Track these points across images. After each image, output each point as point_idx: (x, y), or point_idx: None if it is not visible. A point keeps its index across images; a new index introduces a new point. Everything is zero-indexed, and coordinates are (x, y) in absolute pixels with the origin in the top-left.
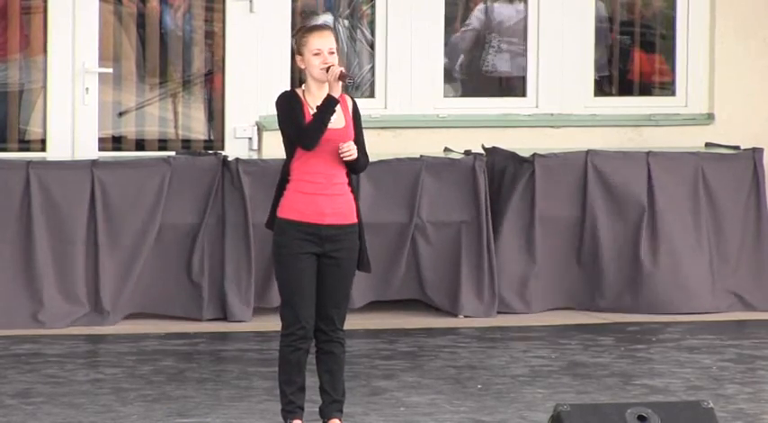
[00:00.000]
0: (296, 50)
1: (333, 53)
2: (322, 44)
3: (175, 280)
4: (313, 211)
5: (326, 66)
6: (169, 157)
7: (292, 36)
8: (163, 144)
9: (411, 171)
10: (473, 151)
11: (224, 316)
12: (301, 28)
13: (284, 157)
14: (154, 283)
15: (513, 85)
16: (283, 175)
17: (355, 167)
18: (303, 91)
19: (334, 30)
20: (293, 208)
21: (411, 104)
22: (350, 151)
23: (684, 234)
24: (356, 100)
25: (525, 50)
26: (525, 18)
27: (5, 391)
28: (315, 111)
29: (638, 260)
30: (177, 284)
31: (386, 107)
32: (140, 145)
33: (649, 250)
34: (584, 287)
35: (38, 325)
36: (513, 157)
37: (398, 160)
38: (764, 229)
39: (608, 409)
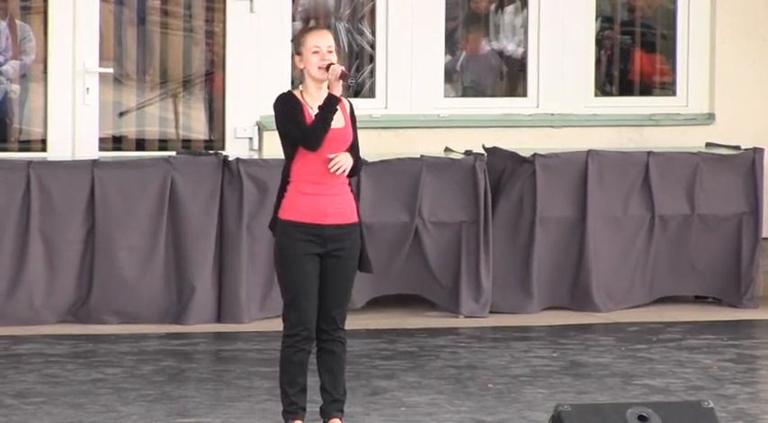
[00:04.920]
0: (294, 51)
1: (331, 52)
2: (320, 42)
3: (176, 280)
4: (315, 211)
5: (325, 63)
6: (170, 156)
7: (292, 41)
8: (163, 144)
9: (412, 171)
10: (474, 151)
11: (224, 316)
12: (299, 30)
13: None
14: (154, 283)
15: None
16: (284, 177)
17: (352, 171)
18: (301, 92)
19: (335, 30)
20: (295, 209)
21: (411, 104)
22: (338, 163)
23: (684, 233)
24: (357, 100)
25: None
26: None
27: (6, 390)
28: (315, 111)
29: (638, 260)
30: (177, 284)
31: (386, 107)
32: (141, 145)
33: (650, 249)
34: (585, 287)
35: (37, 323)
36: (513, 157)
37: (399, 160)
38: (760, 228)
39: (608, 409)
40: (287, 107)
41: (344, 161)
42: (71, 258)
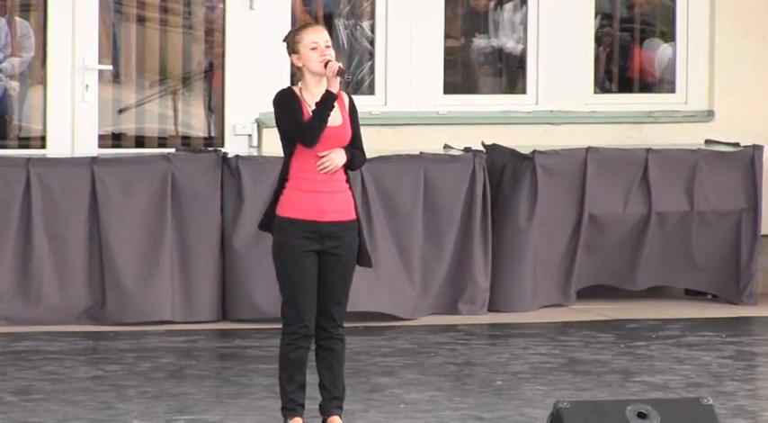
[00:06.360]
0: (291, 50)
1: (329, 46)
2: (317, 38)
3: (175, 277)
4: (313, 208)
5: (325, 59)
6: (169, 154)
7: (284, 40)
8: (162, 141)
9: (411, 168)
10: (473, 148)
11: (228, 313)
12: (292, 30)
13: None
14: (154, 280)
15: None
16: (282, 174)
17: (351, 165)
18: (300, 89)
19: (333, 27)
20: (293, 206)
21: (411, 101)
22: (325, 163)
23: (684, 230)
24: (356, 97)
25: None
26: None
27: (5, 388)
28: (314, 108)
29: (639, 256)
30: (177, 282)
31: (386, 104)
32: (140, 142)
33: (650, 247)
34: (585, 284)
35: (38, 322)
36: (512, 154)
37: (398, 157)
38: (759, 225)
39: (608, 406)
40: (285, 104)
41: (334, 159)
42: (79, 257)
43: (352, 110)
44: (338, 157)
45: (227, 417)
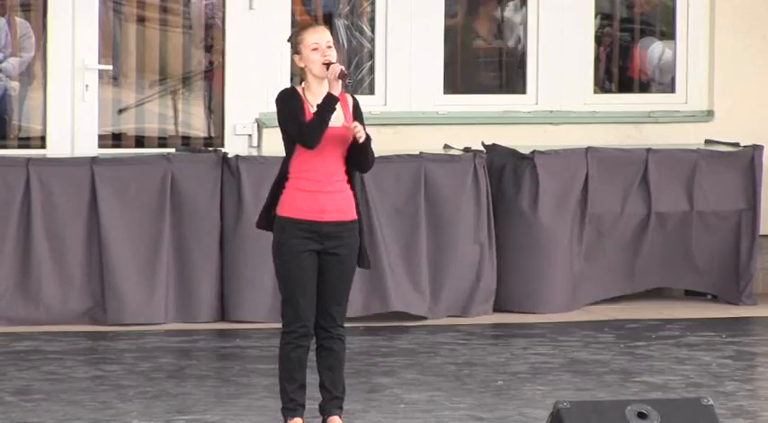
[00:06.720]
0: (293, 51)
1: (330, 47)
2: (319, 39)
3: (174, 277)
4: (313, 208)
5: (326, 60)
6: (169, 154)
7: (288, 40)
8: (162, 141)
9: (411, 168)
10: (473, 148)
11: (226, 313)
12: (294, 31)
13: (284, 154)
14: (153, 280)
15: None
16: (282, 173)
17: (363, 166)
18: (303, 89)
19: (333, 27)
20: (293, 206)
21: (411, 101)
22: (359, 132)
23: (683, 230)
24: (356, 97)
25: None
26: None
27: (5, 388)
28: (315, 109)
29: (639, 255)
30: (176, 282)
31: (385, 104)
32: (140, 142)
33: (649, 247)
34: (585, 284)
35: (37, 322)
36: (512, 154)
37: (398, 157)
38: (758, 225)
39: (608, 406)
40: (287, 103)
41: (362, 129)
42: (78, 257)
43: (357, 112)
44: (362, 129)
45: (227, 417)
